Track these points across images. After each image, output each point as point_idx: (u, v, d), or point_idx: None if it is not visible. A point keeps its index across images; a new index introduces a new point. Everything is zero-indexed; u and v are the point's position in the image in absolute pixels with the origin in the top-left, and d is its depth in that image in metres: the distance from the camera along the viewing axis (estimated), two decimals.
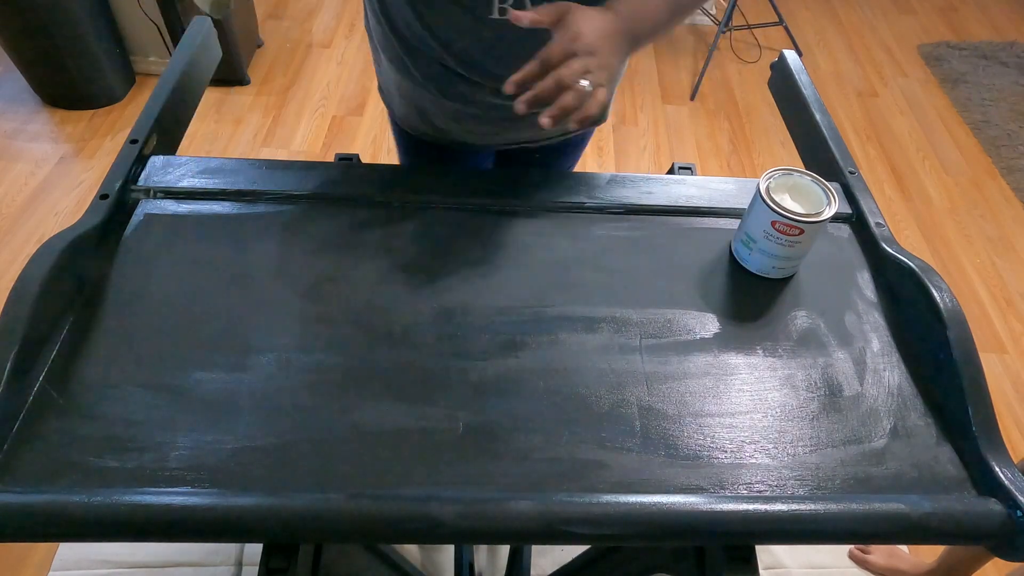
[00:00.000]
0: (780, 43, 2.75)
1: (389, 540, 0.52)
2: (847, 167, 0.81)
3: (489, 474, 0.55)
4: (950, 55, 2.75)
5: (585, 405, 0.60)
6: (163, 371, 0.59)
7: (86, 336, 0.61)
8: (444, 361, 0.62)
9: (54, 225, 1.86)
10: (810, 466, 0.57)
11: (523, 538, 0.51)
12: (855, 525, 0.52)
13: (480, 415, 0.58)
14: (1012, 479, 0.54)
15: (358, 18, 2.70)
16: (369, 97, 2.35)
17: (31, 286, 0.57)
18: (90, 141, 2.10)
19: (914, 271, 0.66)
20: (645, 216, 0.77)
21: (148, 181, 0.74)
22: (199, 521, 0.49)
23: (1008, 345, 1.79)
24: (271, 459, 0.54)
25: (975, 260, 2.01)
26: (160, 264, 0.67)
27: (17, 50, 2.05)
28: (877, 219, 0.76)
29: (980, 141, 2.39)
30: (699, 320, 0.67)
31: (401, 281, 0.68)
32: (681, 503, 0.52)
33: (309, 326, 0.63)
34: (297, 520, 0.49)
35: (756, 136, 2.37)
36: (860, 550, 1.40)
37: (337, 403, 0.58)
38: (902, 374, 0.64)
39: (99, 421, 0.55)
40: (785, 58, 0.96)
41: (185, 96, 0.87)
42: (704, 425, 0.59)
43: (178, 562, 1.30)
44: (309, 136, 2.20)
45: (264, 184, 0.75)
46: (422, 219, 0.74)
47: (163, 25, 2.16)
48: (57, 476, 0.52)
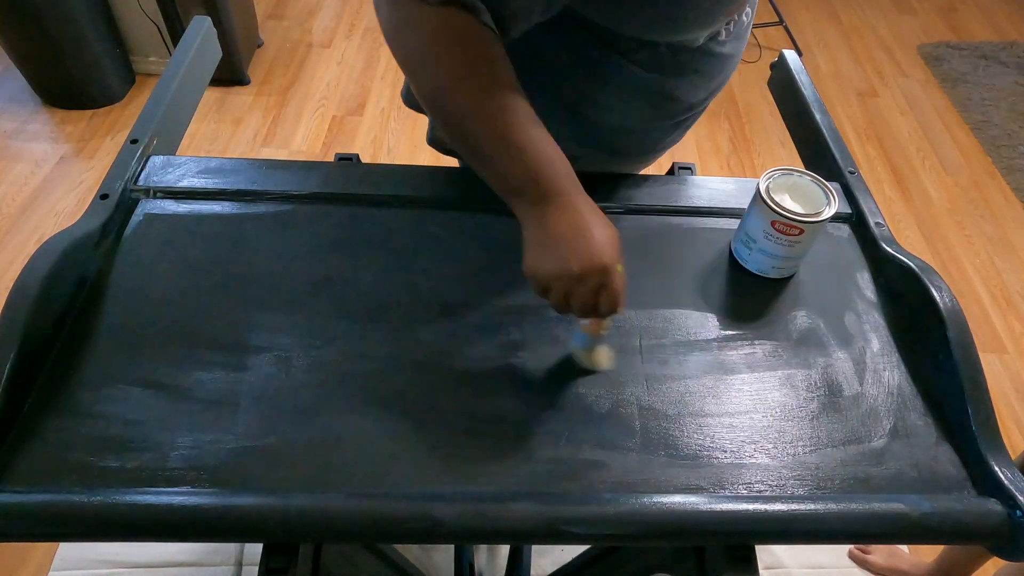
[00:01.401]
0: (780, 43, 2.75)
1: (389, 540, 0.52)
2: (847, 167, 0.81)
3: (489, 474, 0.55)
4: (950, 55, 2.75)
5: (585, 405, 0.60)
6: (163, 371, 0.59)
7: (86, 336, 0.61)
8: (444, 361, 0.62)
9: (54, 225, 1.86)
10: (810, 466, 0.57)
11: (523, 538, 0.51)
12: (855, 525, 0.52)
13: (480, 415, 0.58)
14: (1012, 479, 0.54)
15: (358, 18, 2.71)
16: (369, 97, 2.35)
17: (31, 286, 0.57)
18: (90, 141, 2.10)
19: (914, 271, 0.66)
20: (645, 216, 0.76)
21: (148, 181, 0.74)
22: (199, 521, 0.49)
23: (1008, 345, 1.79)
24: (271, 459, 0.54)
25: (975, 260, 2.00)
26: (160, 264, 0.67)
27: (17, 50, 2.05)
28: (877, 219, 0.76)
29: (980, 141, 2.39)
30: (699, 320, 0.67)
31: (401, 281, 0.68)
32: (681, 503, 0.52)
33: (309, 326, 0.63)
34: (297, 520, 0.49)
35: (756, 136, 2.37)
36: (860, 550, 1.40)
37: (337, 403, 0.58)
38: (902, 374, 0.64)
39: (99, 421, 0.55)
40: (785, 58, 0.96)
41: (185, 96, 0.87)
42: (704, 425, 0.59)
43: (178, 562, 1.30)
44: (309, 136, 2.20)
45: (264, 184, 0.75)
46: (422, 219, 0.74)
47: (163, 25, 2.16)
48: (57, 476, 0.52)
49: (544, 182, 0.55)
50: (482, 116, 0.54)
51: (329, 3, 2.78)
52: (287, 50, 2.53)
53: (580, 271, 0.53)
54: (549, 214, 0.55)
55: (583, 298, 0.54)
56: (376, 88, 2.39)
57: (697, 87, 0.77)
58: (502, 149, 0.55)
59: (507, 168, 0.55)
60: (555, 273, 0.54)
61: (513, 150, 0.55)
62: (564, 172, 0.56)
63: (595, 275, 0.53)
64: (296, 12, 2.72)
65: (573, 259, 0.53)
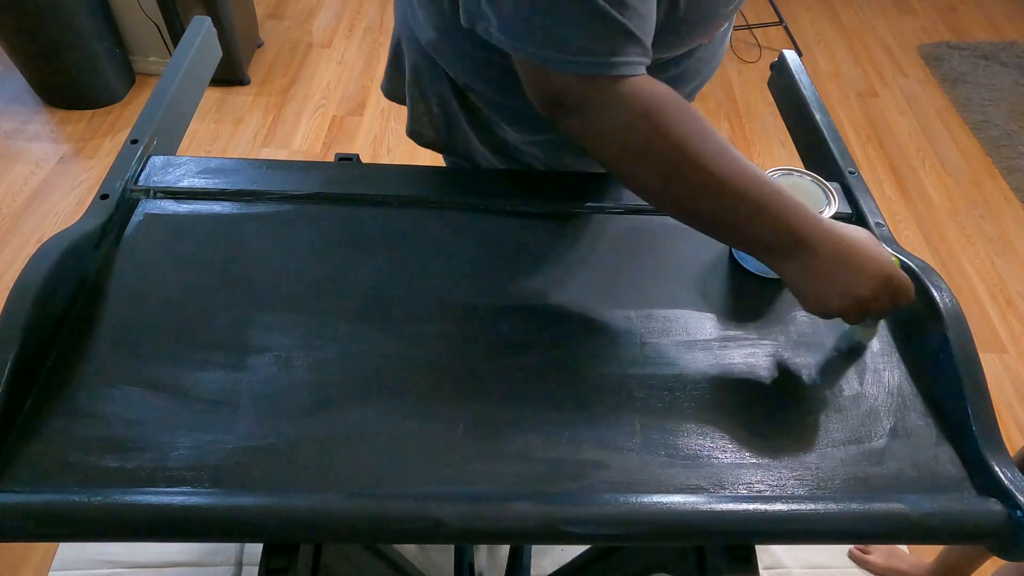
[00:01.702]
0: (780, 43, 2.75)
1: (389, 540, 0.52)
2: (847, 167, 0.81)
3: (489, 474, 0.55)
4: (950, 55, 2.75)
5: (585, 405, 0.60)
6: (163, 371, 0.59)
7: (86, 336, 0.61)
8: (444, 361, 0.62)
9: (54, 225, 1.86)
10: (810, 466, 0.57)
11: (523, 538, 0.52)
12: (855, 525, 0.52)
13: (480, 415, 0.58)
14: (1012, 479, 0.54)
15: (358, 18, 2.70)
16: (369, 97, 2.35)
17: (31, 286, 0.57)
18: (90, 141, 2.10)
19: (914, 271, 0.66)
20: (645, 216, 0.76)
21: (148, 181, 0.74)
22: (199, 521, 0.49)
23: (1008, 345, 1.79)
24: (271, 459, 0.54)
25: (975, 260, 2.00)
26: (160, 264, 0.67)
27: (17, 50, 2.05)
28: (877, 219, 0.76)
29: (980, 141, 2.39)
30: (699, 320, 0.67)
31: (401, 281, 0.68)
32: (681, 503, 0.52)
33: (309, 326, 0.63)
34: (297, 520, 0.49)
35: (756, 136, 2.37)
36: (860, 550, 1.40)
37: (337, 403, 0.58)
38: (902, 374, 0.64)
39: (99, 421, 0.55)
40: (785, 58, 0.96)
41: (185, 96, 0.87)
42: (704, 425, 0.59)
43: (178, 562, 1.30)
44: (309, 136, 2.20)
45: (264, 184, 0.75)
46: (422, 219, 0.74)
47: (163, 25, 2.16)
48: (57, 476, 0.52)
49: (794, 230, 0.55)
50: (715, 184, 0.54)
51: (329, 3, 2.78)
52: (287, 50, 2.53)
53: (871, 292, 0.55)
54: (811, 259, 0.55)
55: (882, 310, 0.57)
56: (376, 88, 2.39)
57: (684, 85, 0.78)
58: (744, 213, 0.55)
59: (755, 230, 0.56)
60: (848, 305, 0.56)
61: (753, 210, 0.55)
62: (801, 211, 0.56)
63: (885, 287, 0.56)
64: (296, 12, 2.72)
65: (858, 287, 0.55)
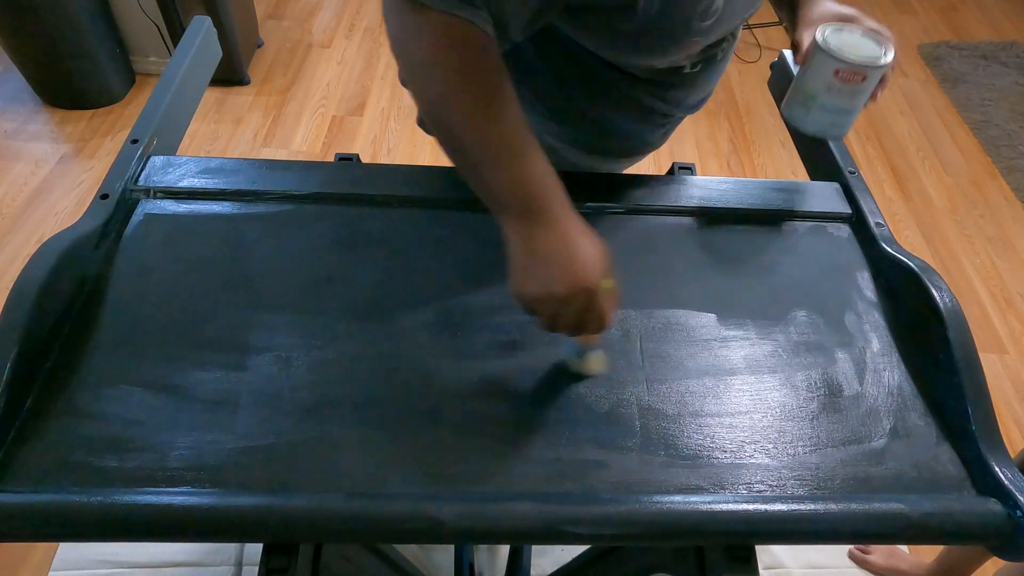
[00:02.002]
0: (780, 43, 2.75)
1: (389, 540, 0.52)
2: (847, 167, 0.81)
3: (489, 474, 0.55)
4: (950, 55, 2.75)
5: (585, 405, 0.60)
6: (163, 371, 0.59)
7: (86, 336, 0.61)
8: (444, 361, 0.62)
9: (54, 225, 1.86)
10: (810, 466, 0.57)
11: (523, 538, 0.51)
12: (855, 525, 0.52)
13: (480, 415, 0.58)
14: (1012, 479, 0.54)
15: (358, 18, 2.71)
16: (369, 97, 2.35)
17: (31, 286, 0.57)
18: (90, 141, 2.10)
19: (914, 271, 0.66)
20: (645, 216, 0.76)
21: (148, 181, 0.74)
22: (199, 521, 0.49)
23: (1008, 345, 1.79)
24: (271, 459, 0.54)
25: (975, 260, 2.00)
26: (160, 264, 0.67)
27: (17, 50, 2.05)
28: (877, 219, 0.76)
29: (980, 141, 2.39)
30: (699, 320, 0.67)
31: (401, 281, 0.68)
32: (681, 503, 0.52)
33: (309, 326, 0.63)
34: (297, 520, 0.49)
35: (756, 136, 2.37)
36: (860, 550, 1.40)
37: (337, 403, 0.58)
38: (902, 374, 0.64)
39: (99, 421, 0.55)
40: (785, 58, 0.96)
41: (185, 96, 0.87)
42: (704, 425, 0.59)
43: (178, 562, 1.30)
44: (309, 136, 2.20)
45: (264, 184, 0.75)
46: (422, 219, 0.74)
47: (163, 25, 2.16)
48: (57, 476, 0.52)
49: (529, 198, 0.54)
50: (474, 126, 0.53)
51: (329, 3, 2.78)
52: (287, 50, 2.52)
53: (565, 293, 0.52)
54: (534, 231, 0.53)
55: (570, 320, 0.54)
56: (376, 88, 2.39)
57: (688, 94, 0.78)
58: (491, 161, 0.53)
59: (495, 181, 0.54)
60: (540, 295, 0.53)
61: (502, 163, 0.53)
62: (551, 189, 0.55)
63: (580, 297, 0.52)
64: (296, 12, 2.72)
65: (557, 281, 0.52)
